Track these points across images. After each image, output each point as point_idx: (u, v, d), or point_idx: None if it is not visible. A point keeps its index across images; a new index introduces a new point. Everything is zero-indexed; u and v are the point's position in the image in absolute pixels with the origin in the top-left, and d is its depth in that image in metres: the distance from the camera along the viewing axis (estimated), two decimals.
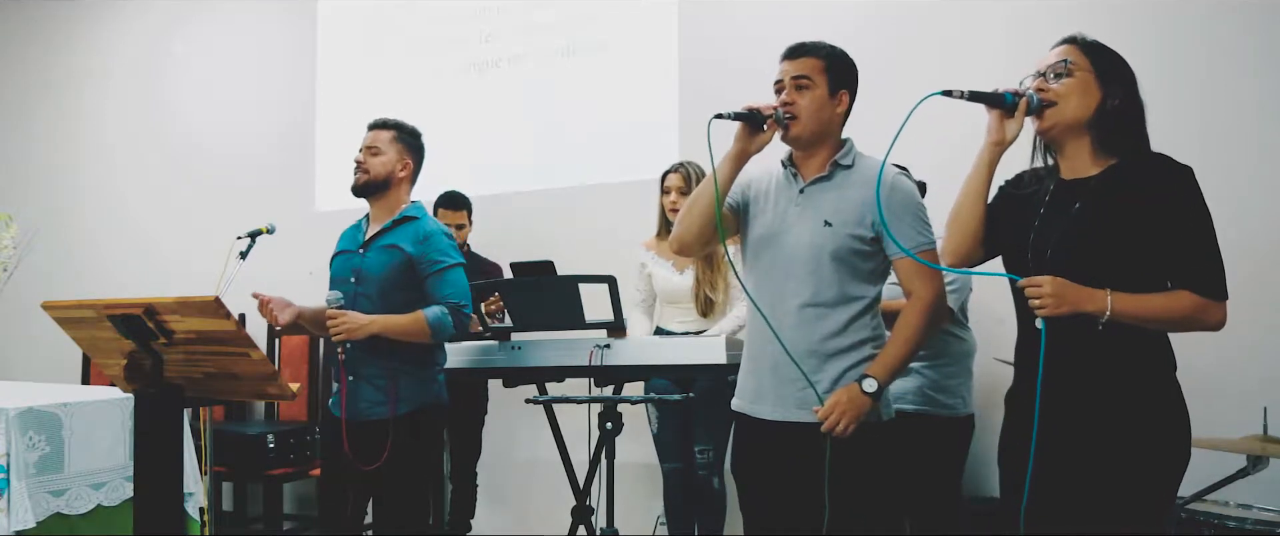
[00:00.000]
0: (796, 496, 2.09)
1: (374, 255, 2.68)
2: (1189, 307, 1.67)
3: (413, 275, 2.65)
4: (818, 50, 2.12)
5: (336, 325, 2.53)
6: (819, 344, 2.07)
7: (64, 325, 2.38)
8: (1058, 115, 1.77)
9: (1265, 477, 2.44)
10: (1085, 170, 1.77)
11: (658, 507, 3.47)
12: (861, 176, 2.10)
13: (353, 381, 2.63)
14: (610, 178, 4.08)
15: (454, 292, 2.64)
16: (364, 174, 2.72)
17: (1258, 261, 3.00)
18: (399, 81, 4.66)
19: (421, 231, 2.67)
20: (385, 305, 2.62)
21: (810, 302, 2.07)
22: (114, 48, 5.60)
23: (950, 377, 2.75)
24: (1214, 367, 3.00)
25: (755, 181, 2.22)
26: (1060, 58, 1.78)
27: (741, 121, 2.06)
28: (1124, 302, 1.64)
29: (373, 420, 2.60)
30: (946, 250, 1.92)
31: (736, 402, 2.23)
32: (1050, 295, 1.65)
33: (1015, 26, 3.36)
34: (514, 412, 3.78)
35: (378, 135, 2.75)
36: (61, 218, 5.52)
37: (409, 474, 2.62)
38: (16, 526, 2.64)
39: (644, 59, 4.09)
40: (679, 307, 3.26)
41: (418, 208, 2.77)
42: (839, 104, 2.13)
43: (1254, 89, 3.05)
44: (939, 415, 2.73)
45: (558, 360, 2.98)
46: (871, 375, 2.02)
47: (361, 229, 2.78)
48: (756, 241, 2.17)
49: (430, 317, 2.58)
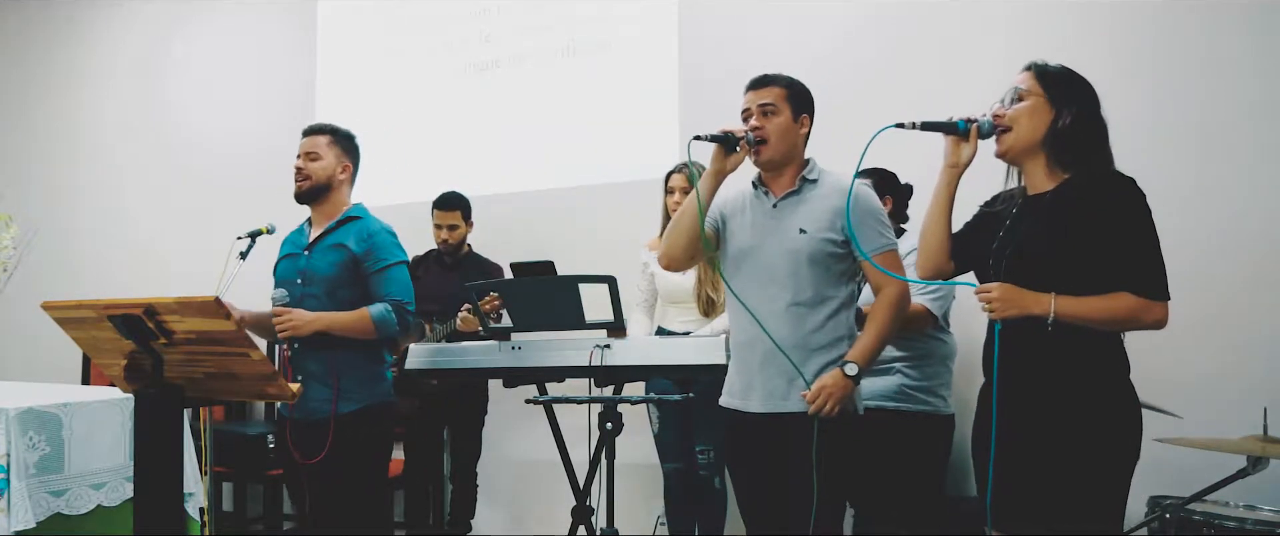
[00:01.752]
0: (786, 480, 2.26)
1: (319, 255, 2.74)
2: (1128, 307, 1.80)
3: (358, 273, 2.70)
4: (778, 80, 2.37)
5: (282, 322, 2.58)
6: (803, 339, 2.28)
7: (64, 325, 2.38)
8: (1011, 139, 1.93)
9: (1265, 477, 2.45)
10: (1043, 185, 1.93)
11: (658, 507, 3.47)
12: (827, 188, 2.35)
13: (300, 380, 2.66)
14: (610, 178, 4.08)
15: (398, 290, 2.70)
16: (305, 180, 2.79)
17: (1258, 261, 3.00)
18: (399, 82, 4.66)
19: (366, 230, 2.74)
20: (332, 304, 2.67)
21: (793, 302, 2.29)
22: (114, 48, 5.60)
23: (930, 378, 2.84)
24: (1214, 367, 3.00)
25: (729, 201, 2.46)
26: (1015, 85, 1.94)
27: (717, 143, 2.30)
28: (1066, 304, 1.80)
29: (320, 418, 2.63)
30: (918, 266, 2.12)
31: (725, 399, 2.42)
32: (997, 299, 1.84)
33: (1015, 27, 3.36)
34: (514, 412, 3.79)
35: (315, 140, 2.82)
36: (61, 218, 5.52)
37: (355, 470, 2.64)
38: (16, 526, 2.64)
39: (644, 59, 4.09)
40: (681, 307, 3.27)
41: (360, 208, 2.83)
42: (802, 127, 2.38)
43: (1254, 89, 3.05)
44: (919, 412, 2.81)
45: (558, 360, 2.98)
46: (851, 360, 2.25)
47: (304, 232, 2.84)
48: (736, 254, 2.40)
49: (375, 314, 2.64)
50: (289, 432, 2.66)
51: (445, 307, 3.64)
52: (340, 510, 2.66)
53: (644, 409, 3.31)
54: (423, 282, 3.41)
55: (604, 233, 3.98)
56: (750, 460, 2.37)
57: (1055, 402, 1.83)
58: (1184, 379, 2.90)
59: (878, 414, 2.70)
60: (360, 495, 2.68)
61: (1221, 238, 3.04)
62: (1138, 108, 3.01)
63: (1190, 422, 2.64)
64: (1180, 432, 2.56)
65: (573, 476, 3.16)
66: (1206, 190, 3.07)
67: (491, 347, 3.12)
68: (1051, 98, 1.89)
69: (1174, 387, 2.74)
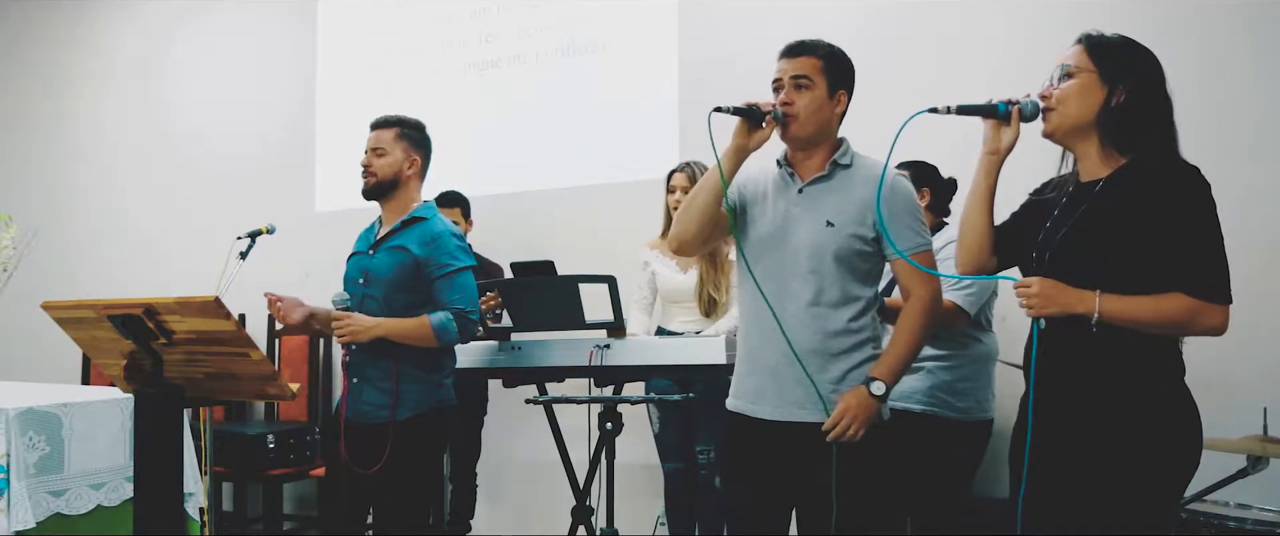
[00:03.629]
0: (796, 496, 2.10)
1: (382, 256, 2.66)
2: (1181, 310, 1.64)
3: (419, 277, 2.61)
4: (816, 49, 2.11)
5: (341, 328, 2.53)
6: (822, 343, 2.07)
7: (64, 325, 2.38)
8: (1058, 119, 1.76)
9: (1265, 477, 2.44)
10: (1098, 172, 1.75)
11: (658, 507, 3.47)
12: (860, 176, 2.10)
13: (356, 383, 2.62)
14: (610, 178, 4.07)
15: (461, 298, 2.60)
16: (372, 176, 2.69)
17: (1258, 261, 3.00)
18: (399, 82, 4.66)
19: (429, 233, 2.63)
20: (392, 307, 2.60)
21: (814, 302, 2.07)
22: (114, 48, 5.60)
23: (965, 380, 2.66)
24: (1214, 367, 2.99)
25: (751, 181, 2.20)
26: (1063, 61, 1.77)
27: (740, 117, 2.05)
28: (1113, 304, 1.64)
29: (374, 423, 2.58)
30: (958, 261, 1.93)
31: (733, 402, 2.20)
32: (1036, 295, 1.67)
33: (1015, 27, 3.36)
34: (514, 412, 3.78)
35: (381, 135, 2.71)
36: (61, 218, 5.52)
37: (407, 478, 2.59)
38: (16, 526, 2.64)
39: (644, 59, 4.09)
40: (682, 307, 3.26)
41: (428, 208, 2.74)
42: (837, 104, 2.12)
43: (1254, 89, 3.05)
44: (947, 417, 2.63)
45: (558, 360, 2.98)
46: (877, 377, 2.03)
47: (375, 230, 2.76)
48: (757, 242, 2.15)
49: (434, 323, 2.55)
50: (343, 435, 2.60)
51: None
52: (390, 516, 2.61)
53: (644, 409, 3.30)
54: None
55: (604, 233, 3.98)
56: (752, 469, 2.14)
57: (1103, 409, 1.67)
58: None
59: (903, 416, 2.48)
60: (411, 502, 2.62)
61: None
62: None
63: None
64: None
65: (573, 476, 3.16)
66: None
67: (491, 347, 3.12)
68: (1103, 73, 1.71)
69: None
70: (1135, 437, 1.65)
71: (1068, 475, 1.69)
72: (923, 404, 2.63)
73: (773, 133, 2.08)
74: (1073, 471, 1.69)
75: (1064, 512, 1.69)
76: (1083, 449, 1.68)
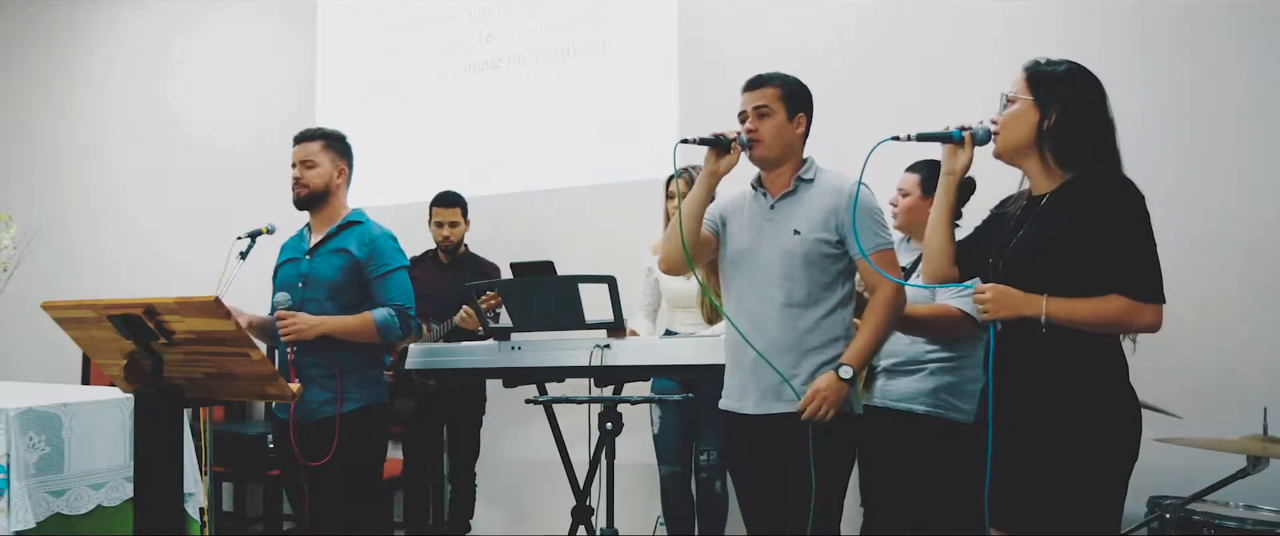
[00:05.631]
0: (783, 480, 2.28)
1: (321, 260, 2.77)
2: (1118, 310, 1.78)
3: (360, 277, 2.75)
4: (773, 80, 2.35)
5: (287, 326, 2.62)
6: (797, 340, 2.29)
7: (64, 325, 2.38)
8: (1002, 142, 1.93)
9: (1265, 477, 2.45)
10: (1045, 187, 1.91)
11: (658, 508, 3.47)
12: (822, 188, 2.34)
13: (301, 382, 2.68)
14: (610, 178, 4.08)
15: (400, 295, 2.76)
16: (303, 188, 2.82)
17: (1257, 262, 3.00)
18: (399, 81, 4.66)
19: (368, 235, 2.78)
20: (332, 307, 2.71)
21: (787, 303, 2.30)
22: (114, 48, 5.60)
23: (970, 382, 2.65)
24: (1214, 367, 3.00)
25: (730, 202, 2.46)
26: (1006, 90, 1.93)
27: (708, 145, 2.28)
28: (1057, 306, 1.80)
29: (320, 418, 2.67)
30: (923, 272, 2.12)
31: (723, 402, 2.43)
32: (990, 300, 1.85)
33: (1007, 28, 3.37)
34: (514, 412, 3.78)
35: (308, 148, 2.83)
36: (61, 218, 5.52)
37: (358, 467, 2.70)
38: (16, 526, 2.64)
39: (644, 59, 4.09)
40: (686, 312, 3.26)
41: (359, 213, 2.87)
42: (798, 126, 2.36)
43: (1251, 89, 3.05)
44: (950, 419, 2.64)
45: (558, 360, 2.98)
46: (845, 362, 2.24)
47: (304, 237, 2.88)
48: (734, 255, 2.41)
49: (378, 319, 2.70)
50: (292, 433, 2.67)
51: (441, 307, 3.64)
52: (343, 509, 2.70)
53: (644, 409, 3.30)
54: (420, 282, 3.41)
55: (604, 233, 3.98)
56: (748, 461, 2.39)
57: (1052, 403, 1.83)
58: (1184, 379, 2.90)
59: (906, 417, 2.63)
60: (362, 493, 2.72)
61: (1221, 237, 3.04)
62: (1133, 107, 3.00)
63: (1190, 422, 2.64)
64: (1180, 432, 2.56)
65: (573, 476, 3.16)
66: (1205, 190, 3.07)
67: (491, 347, 3.12)
68: (1037, 99, 1.88)
69: (1174, 387, 2.73)
70: (1079, 429, 1.80)
71: (1023, 465, 1.84)
72: (927, 406, 2.65)
73: (740, 157, 2.31)
74: (1027, 462, 1.84)
75: (1022, 503, 1.84)
76: (1034, 441, 1.83)
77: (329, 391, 2.68)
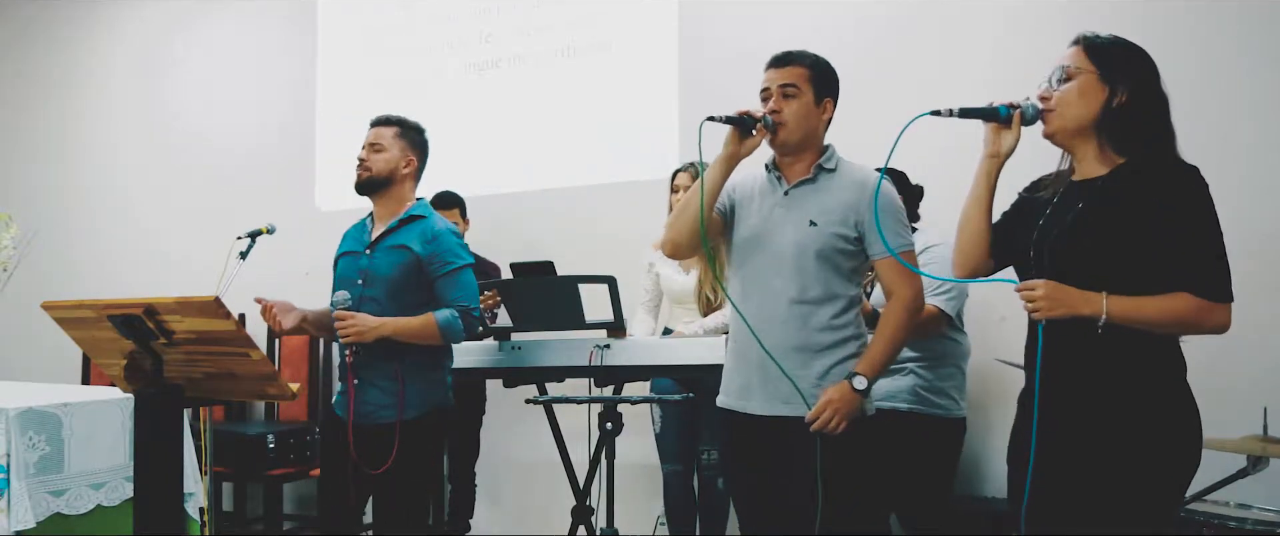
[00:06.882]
0: (787, 489, 2.16)
1: (381, 256, 2.63)
2: (1186, 309, 1.64)
3: (421, 276, 2.60)
4: (803, 59, 2.21)
5: (346, 327, 2.49)
6: (806, 339, 2.14)
7: (64, 325, 2.38)
8: (1059, 121, 1.75)
9: (1265, 477, 2.45)
10: (1094, 171, 1.75)
11: (658, 507, 3.47)
12: (844, 180, 2.19)
13: (359, 384, 2.58)
14: (610, 178, 4.08)
15: (464, 295, 2.60)
16: (366, 171, 2.67)
17: (1258, 261, 2.99)
18: (399, 81, 4.66)
19: (430, 231, 2.62)
20: (393, 306, 2.57)
21: (798, 299, 2.15)
22: (114, 48, 5.60)
23: (944, 380, 2.76)
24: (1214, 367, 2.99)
25: (741, 185, 2.29)
26: (1062, 62, 1.77)
27: (732, 125, 2.13)
28: (1119, 305, 1.63)
29: (379, 423, 2.55)
30: (954, 262, 1.92)
31: (723, 399, 2.27)
32: (1043, 298, 1.66)
33: (1007, 28, 3.36)
34: (514, 412, 3.78)
35: (380, 132, 2.70)
36: (61, 218, 5.52)
37: (413, 477, 2.58)
38: (16, 526, 2.64)
39: (644, 59, 4.09)
40: (686, 308, 3.26)
41: (424, 206, 2.73)
42: (824, 111, 2.22)
43: (1251, 87, 3.05)
44: (932, 415, 2.74)
45: (558, 360, 2.98)
46: (860, 372, 2.10)
47: (366, 229, 2.72)
48: (743, 242, 2.25)
49: (441, 320, 2.54)
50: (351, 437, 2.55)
51: None
52: (394, 515, 2.59)
53: (644, 409, 3.30)
54: None
55: (604, 233, 3.98)
56: (749, 463, 2.24)
57: (1107, 408, 1.67)
58: None
59: (889, 415, 2.59)
60: (415, 500, 2.60)
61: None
62: None
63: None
64: None
65: (573, 476, 3.16)
66: None
67: (491, 347, 3.12)
68: (1104, 74, 1.71)
69: None
70: (1138, 436, 1.64)
71: (1071, 474, 1.68)
72: (908, 402, 2.73)
73: (762, 140, 2.16)
74: (1076, 470, 1.68)
75: (1067, 512, 1.68)
76: (1086, 448, 1.68)
77: (389, 396, 2.54)
